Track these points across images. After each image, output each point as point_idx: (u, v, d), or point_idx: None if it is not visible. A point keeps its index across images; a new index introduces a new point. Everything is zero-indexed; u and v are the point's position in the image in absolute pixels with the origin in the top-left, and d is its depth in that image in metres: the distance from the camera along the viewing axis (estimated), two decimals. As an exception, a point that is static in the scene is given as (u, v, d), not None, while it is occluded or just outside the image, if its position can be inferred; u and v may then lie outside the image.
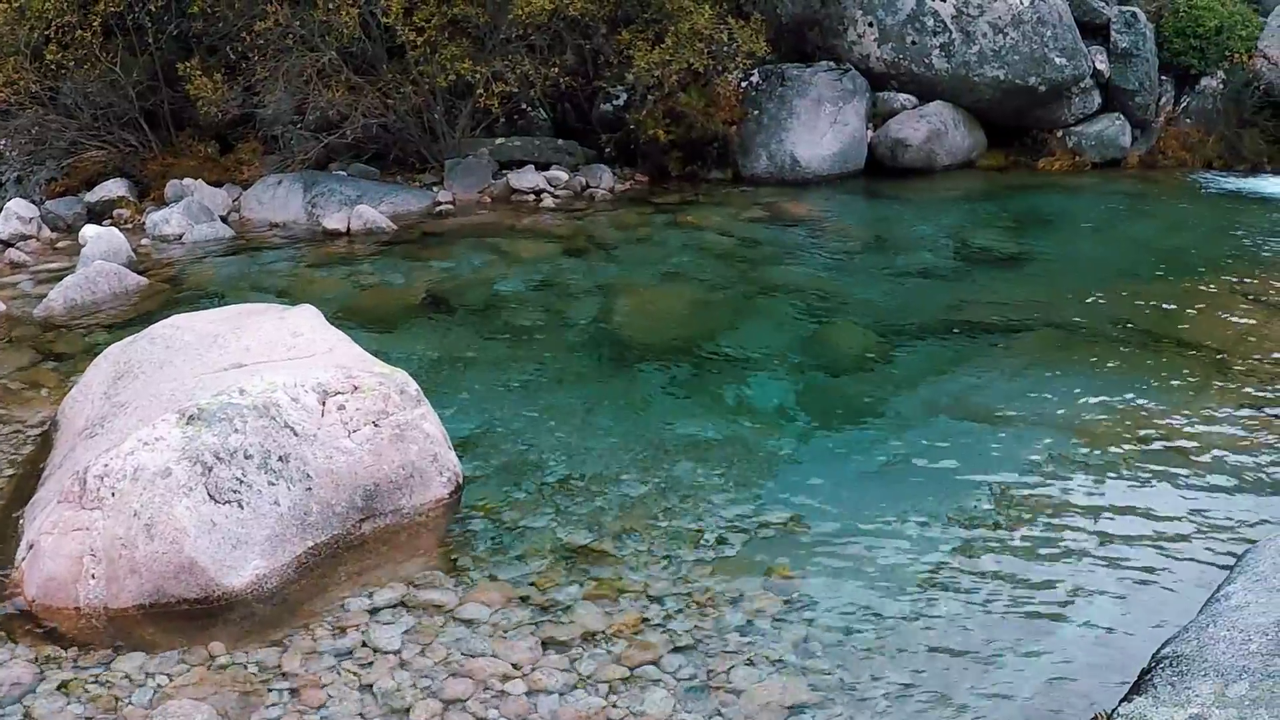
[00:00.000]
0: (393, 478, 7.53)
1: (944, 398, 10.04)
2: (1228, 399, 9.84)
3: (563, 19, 17.52)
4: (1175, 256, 14.58)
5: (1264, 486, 8.29)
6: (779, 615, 6.66)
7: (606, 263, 14.30)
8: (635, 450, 8.83)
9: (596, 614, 6.64)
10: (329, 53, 16.90)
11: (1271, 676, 4.80)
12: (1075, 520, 7.82)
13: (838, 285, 13.43)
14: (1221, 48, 21.77)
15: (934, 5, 19.86)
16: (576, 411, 9.65)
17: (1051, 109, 20.67)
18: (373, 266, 14.10)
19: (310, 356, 8.13)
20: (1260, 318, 11.94)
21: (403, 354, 10.60)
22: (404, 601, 6.76)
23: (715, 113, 18.74)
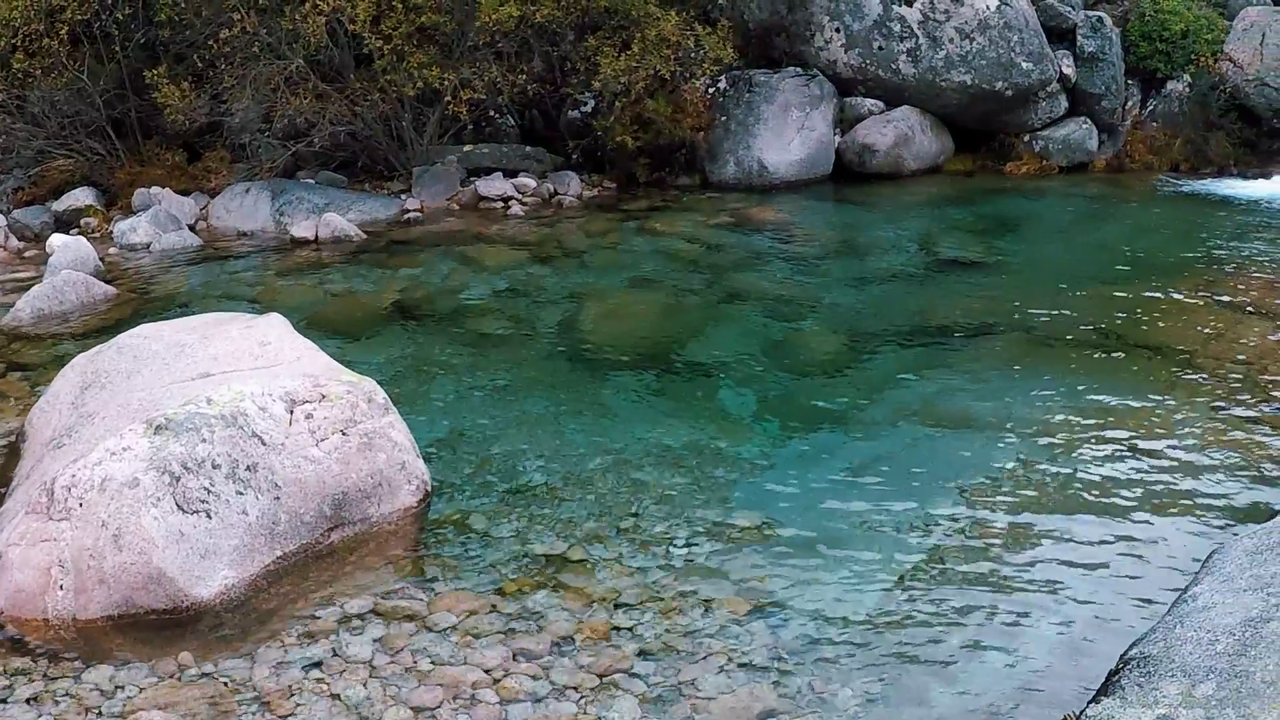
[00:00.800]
0: (361, 486, 7.54)
1: (912, 402, 10.07)
2: (1195, 401, 9.88)
3: (530, 26, 17.52)
4: (1142, 260, 14.64)
5: (1230, 488, 8.34)
6: (748, 621, 6.69)
7: (575, 270, 14.30)
8: (604, 457, 8.85)
9: (566, 621, 6.66)
10: (296, 60, 16.88)
11: (1238, 677, 4.83)
12: (1043, 523, 7.85)
13: (805, 291, 13.45)
14: (1187, 51, 21.87)
15: (901, 11, 19.90)
16: (545, 419, 9.65)
17: (1018, 113, 20.72)
18: (341, 275, 14.08)
19: (278, 365, 8.12)
20: (1227, 320, 12.00)
21: (371, 362, 10.60)
22: (373, 610, 6.76)
23: (683, 119, 18.74)
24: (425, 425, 9.17)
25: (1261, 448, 8.95)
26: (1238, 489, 8.32)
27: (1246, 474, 8.54)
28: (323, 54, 17.25)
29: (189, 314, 10.56)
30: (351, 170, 18.63)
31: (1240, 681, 4.79)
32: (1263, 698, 4.63)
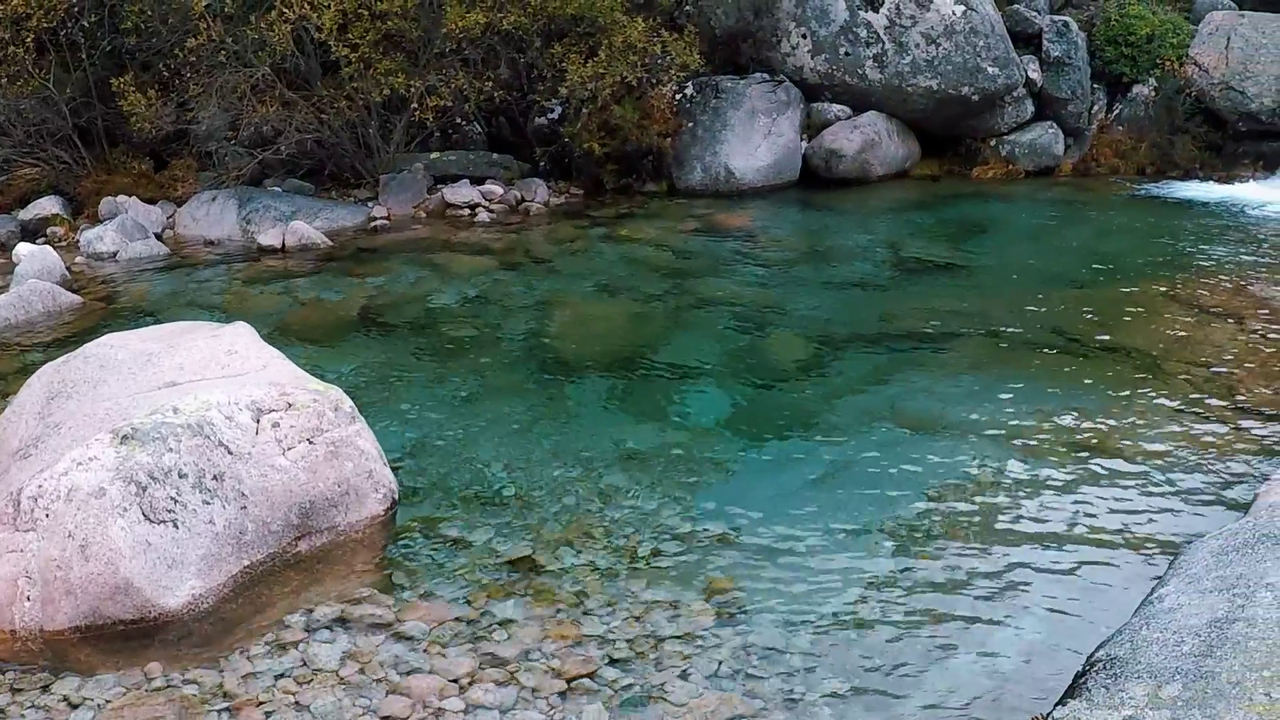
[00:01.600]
0: (328, 495, 7.54)
1: (880, 406, 10.10)
2: (1161, 404, 9.94)
3: (496, 33, 17.52)
4: (1109, 263, 14.69)
5: (1197, 489, 8.39)
6: (716, 626, 6.70)
7: (542, 276, 14.30)
8: (572, 463, 8.86)
9: (534, 628, 6.66)
10: (262, 68, 16.84)
11: (1204, 677, 4.85)
12: (1011, 526, 7.89)
13: (773, 296, 13.47)
14: (1153, 55, 21.95)
15: (867, 16, 19.95)
16: (513, 425, 9.66)
17: (985, 118, 20.78)
18: (308, 283, 14.06)
19: (244, 374, 8.11)
20: (1192, 323, 12.05)
21: (338, 370, 10.60)
22: (341, 619, 6.76)
23: (650, 125, 18.74)
24: (393, 433, 9.17)
25: (1227, 449, 9.00)
26: (1204, 490, 8.37)
27: (1213, 475, 8.59)
28: (289, 62, 17.20)
29: (156, 323, 10.56)
30: (318, 178, 18.58)
31: (1206, 682, 4.82)
32: (1228, 698, 4.65)
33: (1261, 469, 8.62)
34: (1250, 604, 5.30)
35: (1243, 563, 5.86)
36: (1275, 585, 5.40)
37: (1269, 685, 4.60)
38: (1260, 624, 5.06)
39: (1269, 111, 21.03)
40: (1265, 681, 4.64)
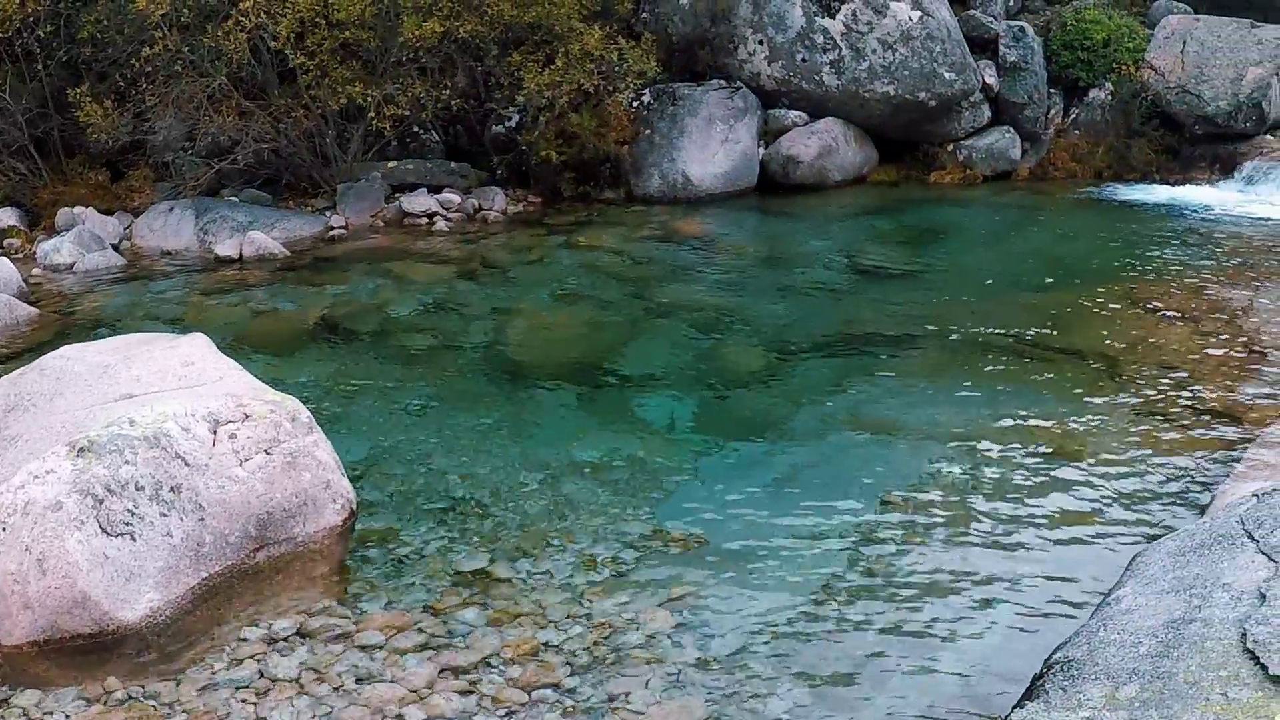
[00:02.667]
0: (286, 506, 7.52)
1: (838, 412, 10.13)
2: (1118, 406, 9.99)
3: (454, 41, 17.51)
4: (1066, 266, 14.75)
5: (1154, 491, 8.44)
6: (676, 633, 6.71)
7: (500, 285, 14.29)
8: (531, 472, 8.85)
9: (494, 637, 6.66)
10: (219, 78, 16.80)
11: (1161, 678, 4.86)
12: (969, 530, 7.92)
13: (732, 303, 13.49)
14: (1109, 60, 22.05)
15: (823, 22, 19.98)
16: (471, 435, 9.65)
17: (942, 123, 20.83)
18: (265, 293, 14.02)
19: (201, 385, 8.08)
20: (1149, 325, 12.11)
21: (295, 381, 10.58)
22: (300, 630, 6.75)
23: (607, 133, 18.74)
24: (351, 443, 9.15)
25: (1184, 451, 9.05)
26: (1162, 492, 8.42)
27: (1170, 477, 8.64)
28: (245, 71, 17.16)
29: (113, 334, 10.51)
30: (276, 188, 18.52)
31: (1163, 683, 4.83)
32: (1185, 698, 4.67)
33: (1218, 470, 8.67)
34: (1207, 604, 5.32)
35: (1199, 564, 5.88)
36: (1232, 586, 5.42)
37: (1226, 685, 4.62)
38: (1217, 624, 5.08)
39: (1225, 114, 21.14)
40: (1222, 681, 4.66)
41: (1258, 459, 8.59)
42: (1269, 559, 5.57)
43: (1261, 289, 13.36)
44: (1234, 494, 7.61)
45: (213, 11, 16.52)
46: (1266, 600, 5.12)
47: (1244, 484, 7.92)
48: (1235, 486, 7.95)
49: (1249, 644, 4.81)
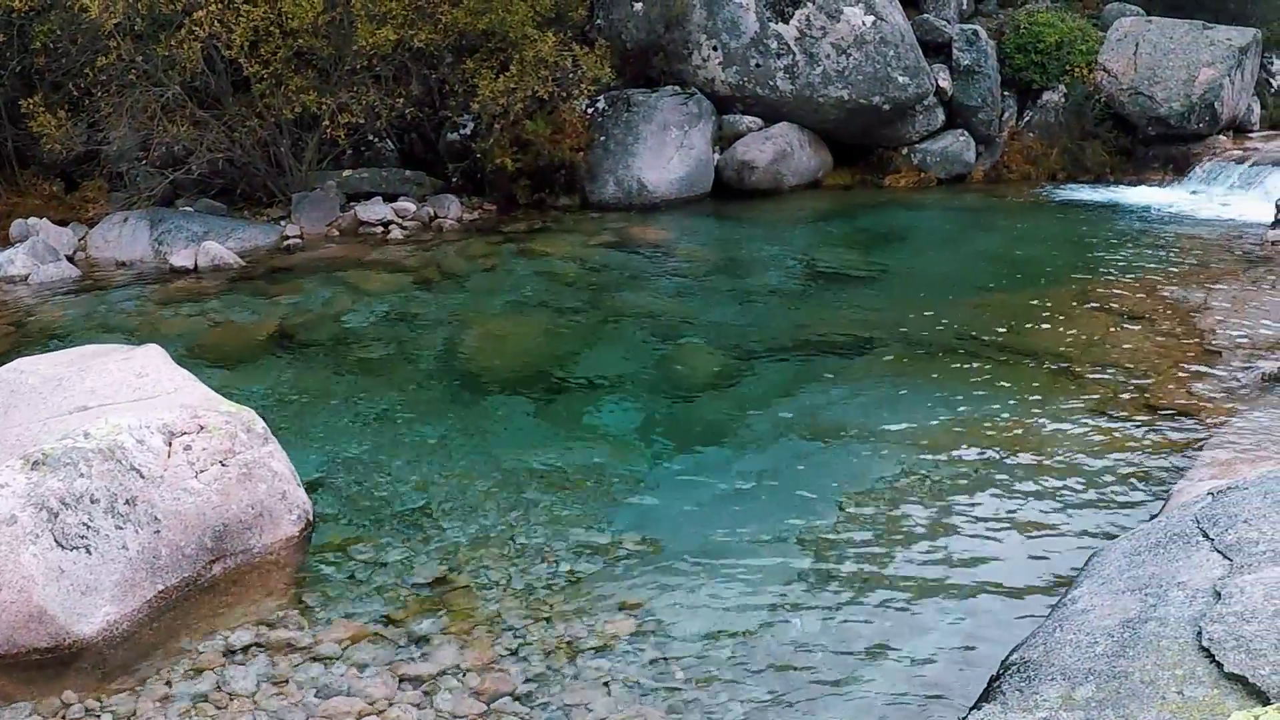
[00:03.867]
0: (242, 517, 7.49)
1: (794, 416, 10.13)
2: (1074, 406, 10.02)
3: (408, 49, 17.52)
4: (1021, 268, 14.83)
5: (1110, 491, 8.46)
6: (634, 640, 6.69)
7: (456, 293, 14.28)
8: (488, 480, 8.83)
9: (452, 647, 6.63)
10: (173, 87, 16.76)
11: (1117, 677, 4.87)
12: (927, 532, 7.92)
13: (687, 308, 13.51)
14: (1062, 62, 22.22)
15: (777, 28, 20.05)
16: (428, 444, 9.63)
17: (896, 127, 20.95)
18: (220, 303, 13.97)
19: (156, 397, 8.05)
20: (1104, 325, 12.17)
21: (251, 391, 10.54)
22: (258, 642, 6.71)
23: (562, 140, 18.79)
24: (307, 454, 9.12)
25: (1140, 450, 9.09)
26: (1118, 492, 8.45)
27: (1126, 476, 8.67)
28: (199, 80, 17.14)
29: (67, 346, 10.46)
30: (230, 197, 18.48)
31: (1119, 682, 4.84)
32: (1141, 697, 4.67)
33: (1174, 469, 8.70)
34: (1163, 603, 5.33)
35: (1155, 562, 5.90)
36: (1187, 584, 5.44)
37: (1181, 684, 4.63)
38: (1172, 623, 5.09)
39: (1178, 115, 21.30)
40: (1178, 680, 4.67)
41: (1212, 458, 8.62)
42: (1224, 557, 5.59)
43: (1215, 288, 13.44)
44: (1189, 493, 7.64)
45: (166, 21, 16.48)
46: (1221, 598, 5.13)
47: (1199, 483, 7.95)
48: (1190, 485, 7.98)
49: (1204, 642, 4.82)
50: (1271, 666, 4.50)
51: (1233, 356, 11.14)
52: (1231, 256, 15.31)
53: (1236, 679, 4.53)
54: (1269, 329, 11.91)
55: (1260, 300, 13.04)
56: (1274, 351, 11.19)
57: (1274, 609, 4.88)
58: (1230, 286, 13.63)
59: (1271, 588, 5.07)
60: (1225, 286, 13.61)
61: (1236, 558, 5.52)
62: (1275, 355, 11.03)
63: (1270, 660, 4.54)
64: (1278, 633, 4.71)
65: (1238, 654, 4.66)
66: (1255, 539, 5.63)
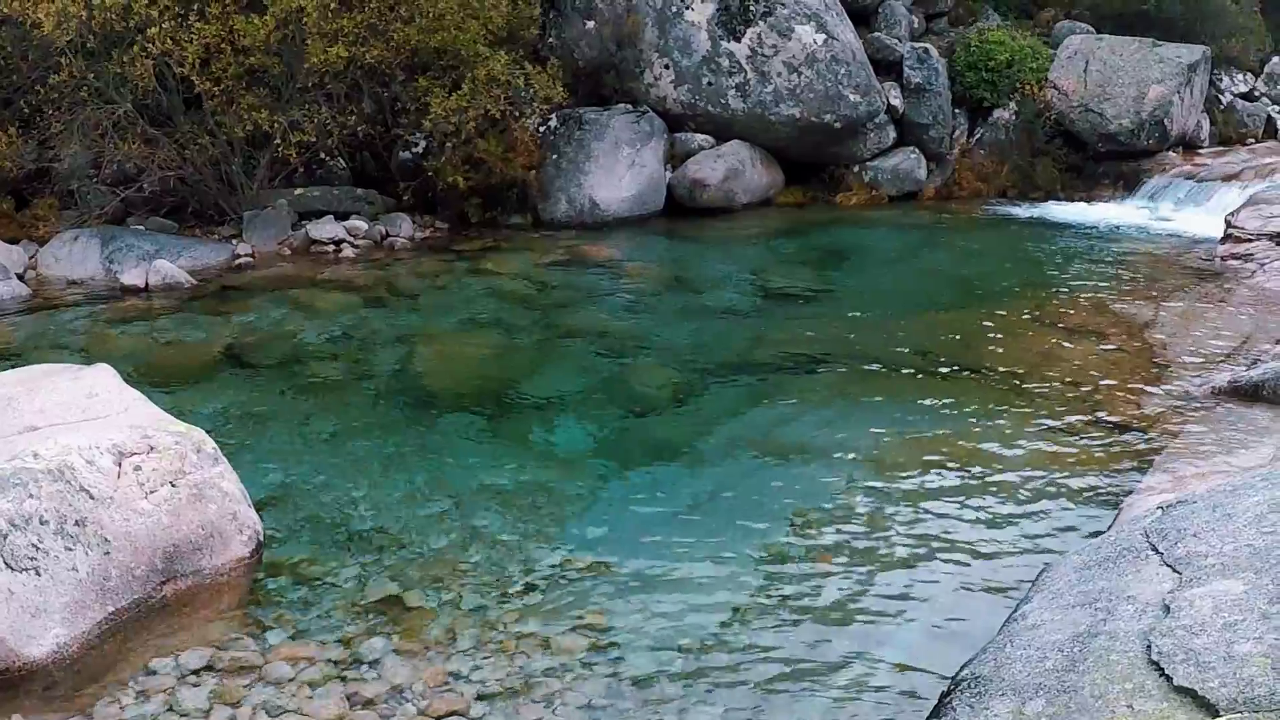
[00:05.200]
0: (192, 538, 7.45)
1: (747, 434, 10.14)
2: (1024, 422, 10.07)
3: (360, 67, 17.49)
4: (972, 285, 14.90)
5: (1061, 506, 8.51)
6: (587, 659, 6.68)
7: (408, 312, 14.26)
8: (440, 500, 8.81)
9: (404, 667, 6.61)
10: (125, 105, 16.69)
11: (1067, 692, 4.89)
12: (879, 549, 7.94)
13: (640, 327, 13.52)
14: (1013, 80, 22.37)
15: (729, 46, 20.11)
16: (380, 463, 9.59)
17: (848, 145, 21.04)
18: (171, 322, 13.90)
19: (106, 417, 8.00)
20: (1054, 341, 12.25)
21: (201, 411, 10.49)
22: (209, 663, 6.67)
23: (514, 158, 18.78)
24: (258, 474, 9.07)
25: (1090, 465, 9.14)
26: (1069, 506, 8.50)
27: (1076, 491, 8.73)
28: (151, 98, 17.08)
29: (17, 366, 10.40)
30: (182, 216, 18.38)
31: (1069, 697, 4.85)
32: (1090, 711, 4.69)
33: (1125, 484, 8.75)
34: (1112, 617, 5.35)
35: (1105, 577, 5.92)
36: (1137, 598, 5.46)
37: (1131, 697, 4.65)
38: (1122, 637, 5.11)
39: (1127, 132, 21.47)
40: (1128, 694, 4.69)
41: (1162, 472, 8.68)
42: (1173, 570, 5.62)
43: (1164, 304, 13.54)
44: (1139, 507, 7.67)
45: (118, 38, 16.41)
46: (1170, 612, 5.16)
47: (1149, 497, 7.98)
48: (1140, 499, 8.02)
49: (1154, 656, 4.84)
50: (1220, 679, 4.53)
51: (1183, 371, 11.21)
52: (1181, 271, 15.43)
53: (1186, 692, 4.56)
54: (1219, 343, 11.99)
55: (1210, 315, 13.14)
56: (1224, 365, 11.26)
57: (1223, 622, 4.91)
58: (1180, 301, 13.73)
59: (1220, 601, 5.10)
60: (1175, 301, 13.70)
61: (1185, 571, 5.54)
62: (1225, 369, 11.09)
63: (1219, 673, 4.57)
64: (1226, 645, 4.73)
65: (1187, 667, 4.68)
66: (1204, 552, 5.66)
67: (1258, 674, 4.48)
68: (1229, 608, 5.02)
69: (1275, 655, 4.57)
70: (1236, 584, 5.22)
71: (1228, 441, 9.26)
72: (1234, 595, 5.12)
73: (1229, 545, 5.63)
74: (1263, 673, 4.48)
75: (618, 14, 20.70)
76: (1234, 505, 6.10)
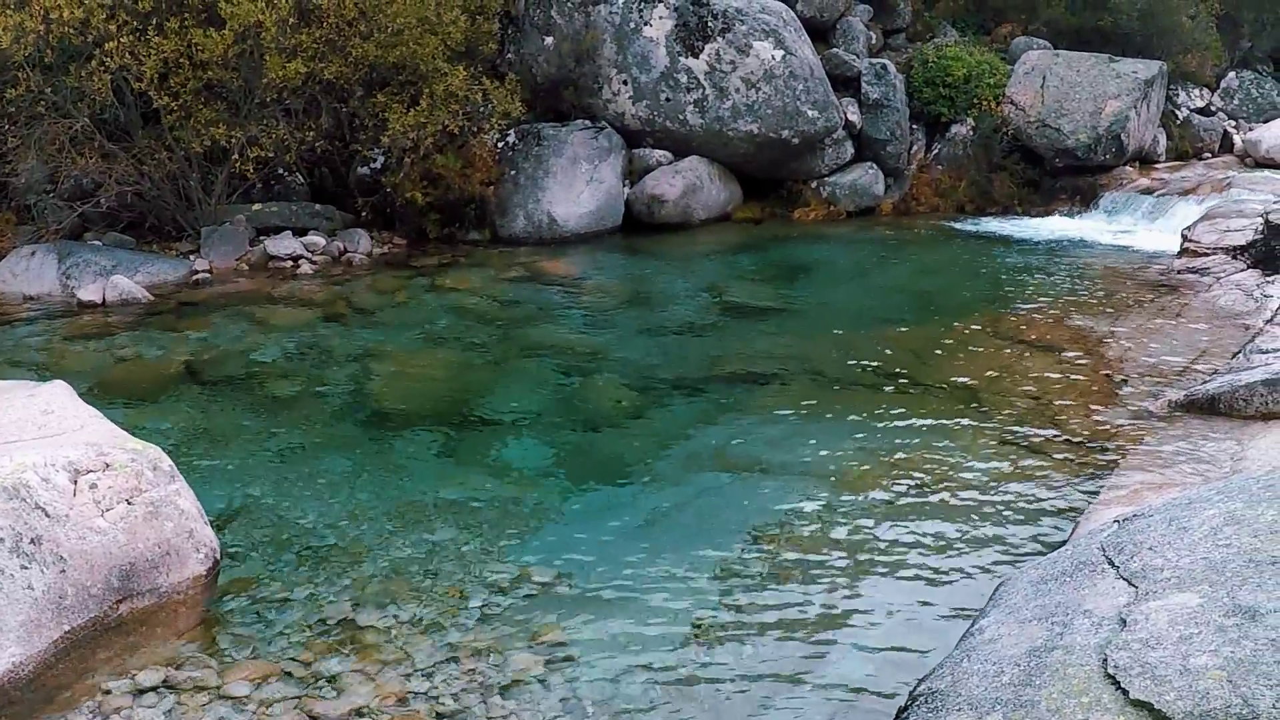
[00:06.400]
0: (148, 556, 7.41)
1: (705, 450, 10.14)
2: (983, 437, 10.10)
3: (318, 82, 17.46)
4: (930, 300, 14.94)
5: (1019, 520, 8.54)
6: (545, 676, 6.67)
7: (365, 328, 14.23)
8: (397, 517, 8.79)
9: (361, 685, 6.59)
10: (82, 119, 16.63)
11: (1024, 706, 4.89)
12: (837, 565, 7.94)
13: (597, 343, 13.52)
14: (970, 95, 22.46)
15: (687, 62, 20.14)
16: (337, 480, 9.57)
17: (806, 160, 21.07)
18: (128, 339, 13.84)
19: (61, 434, 7.97)
20: (1012, 355, 12.28)
21: (158, 428, 10.46)
22: (165, 682, 6.64)
23: (472, 174, 18.78)
24: (215, 491, 9.05)
25: (1047, 479, 9.17)
26: (1026, 520, 8.52)
27: (1034, 505, 8.75)
28: (109, 113, 17.03)
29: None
30: (140, 231, 18.29)
31: (1025, 711, 4.86)
32: (1047, 727, 4.71)
33: (1082, 497, 8.78)
34: (1068, 631, 5.36)
35: (1061, 591, 5.93)
36: (1093, 612, 5.47)
37: (1088, 711, 4.66)
38: (1078, 650, 5.12)
39: (1084, 147, 21.57)
40: (1084, 707, 4.70)
41: (1119, 485, 8.70)
42: (1129, 584, 5.63)
43: (1121, 318, 13.60)
44: (1096, 520, 7.69)
45: (76, 52, 16.35)
46: (1126, 625, 5.17)
47: (1106, 510, 8.01)
48: (1098, 513, 8.04)
49: (1110, 669, 4.85)
50: (1176, 692, 4.54)
51: (1140, 385, 11.26)
52: (1139, 286, 15.50)
53: (1142, 705, 4.57)
54: (1175, 357, 12.05)
55: (1167, 328, 13.19)
56: (1180, 379, 11.31)
57: (1178, 635, 4.93)
58: (1137, 315, 13.79)
59: (1176, 614, 5.12)
60: (1132, 315, 13.77)
61: (1141, 584, 5.56)
62: (1182, 383, 11.14)
63: (1175, 686, 4.58)
64: (1183, 659, 4.75)
65: (1143, 680, 4.69)
66: (1160, 565, 5.68)
67: (1214, 687, 4.50)
68: (1185, 621, 5.03)
69: (1231, 668, 4.58)
70: (1192, 597, 5.23)
71: (1184, 455, 9.30)
72: (1190, 608, 5.13)
73: (1185, 558, 5.65)
74: (1219, 685, 4.50)
75: (576, 30, 20.73)
76: (1190, 518, 6.12)
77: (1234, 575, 5.30)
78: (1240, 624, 4.88)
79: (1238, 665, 4.59)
